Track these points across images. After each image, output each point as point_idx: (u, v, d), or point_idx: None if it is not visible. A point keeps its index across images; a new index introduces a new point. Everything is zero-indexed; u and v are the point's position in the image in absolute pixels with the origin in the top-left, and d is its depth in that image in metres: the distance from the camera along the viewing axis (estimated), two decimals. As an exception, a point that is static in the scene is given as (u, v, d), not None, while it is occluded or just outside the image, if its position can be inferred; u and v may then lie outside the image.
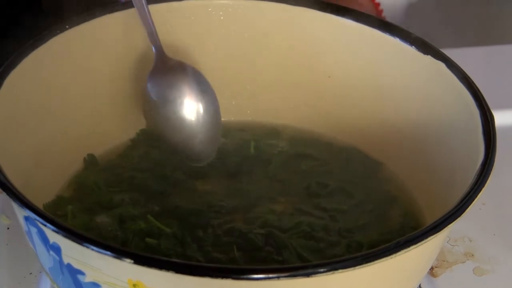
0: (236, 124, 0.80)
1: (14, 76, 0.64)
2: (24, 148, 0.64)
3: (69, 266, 0.50)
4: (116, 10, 0.74)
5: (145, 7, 0.71)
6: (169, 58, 0.72)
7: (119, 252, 0.41)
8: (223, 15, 0.80)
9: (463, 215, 0.48)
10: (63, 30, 0.70)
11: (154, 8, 0.75)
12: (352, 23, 0.75)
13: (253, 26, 0.81)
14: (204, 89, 0.69)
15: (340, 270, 0.41)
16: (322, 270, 0.40)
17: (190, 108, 0.68)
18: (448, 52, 0.71)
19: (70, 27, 0.70)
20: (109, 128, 0.75)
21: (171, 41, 0.77)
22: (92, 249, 0.41)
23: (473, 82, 0.66)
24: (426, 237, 0.44)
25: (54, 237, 0.47)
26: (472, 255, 0.74)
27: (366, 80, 0.76)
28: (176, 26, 0.80)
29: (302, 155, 0.76)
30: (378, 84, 0.75)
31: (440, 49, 0.71)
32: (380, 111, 0.75)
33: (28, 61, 0.66)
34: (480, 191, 0.51)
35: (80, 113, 0.73)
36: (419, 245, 0.44)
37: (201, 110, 0.68)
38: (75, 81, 0.72)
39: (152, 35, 0.71)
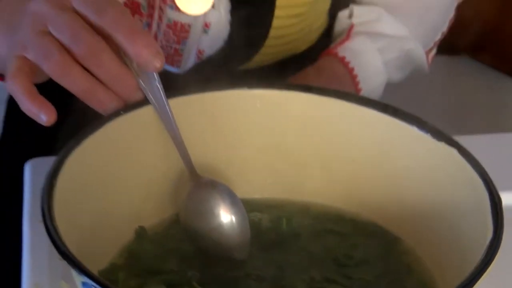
0: (270, 201, 0.81)
1: (76, 155, 0.67)
2: (82, 220, 0.67)
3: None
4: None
5: (169, 117, 0.73)
6: (200, 177, 0.73)
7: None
8: (260, 103, 0.81)
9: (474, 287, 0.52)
10: (118, 115, 0.72)
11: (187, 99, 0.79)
12: (377, 113, 0.76)
13: (286, 115, 0.81)
14: (234, 202, 0.72)
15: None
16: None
17: (223, 220, 0.70)
18: (459, 139, 0.74)
19: (125, 112, 0.72)
20: (159, 203, 0.77)
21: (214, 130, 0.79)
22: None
23: (482, 167, 0.69)
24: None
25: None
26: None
27: (385, 164, 0.78)
28: (217, 116, 0.80)
29: (329, 230, 0.78)
30: (396, 166, 0.78)
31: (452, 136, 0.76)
32: (398, 192, 0.78)
33: (87, 142, 0.69)
34: (489, 266, 0.54)
35: (133, 189, 0.75)
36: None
37: (234, 220, 0.70)
38: (129, 160, 0.75)
39: (185, 159, 0.73)
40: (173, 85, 0.73)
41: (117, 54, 0.69)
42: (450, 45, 1.81)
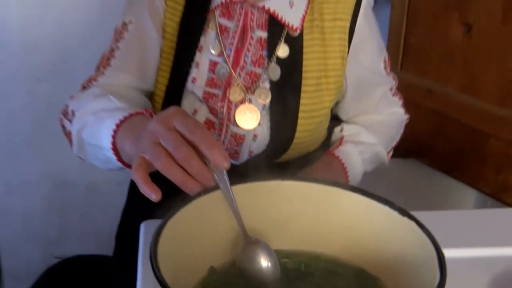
0: (294, 251, 0.83)
1: (172, 221, 0.72)
2: (175, 262, 0.70)
3: None
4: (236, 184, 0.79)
5: (232, 198, 0.77)
6: (250, 237, 0.78)
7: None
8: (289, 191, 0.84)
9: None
10: (199, 196, 0.76)
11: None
12: (363, 198, 0.80)
13: (306, 198, 0.84)
14: (270, 253, 0.76)
15: None
16: None
17: (263, 265, 0.75)
18: (415, 214, 0.76)
19: (204, 194, 0.76)
20: (224, 252, 0.80)
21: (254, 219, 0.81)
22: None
23: (431, 233, 0.72)
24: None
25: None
26: None
27: (369, 231, 0.80)
28: (262, 196, 0.83)
29: (332, 271, 0.80)
30: (376, 232, 0.80)
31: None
32: (377, 248, 0.80)
33: (180, 213, 0.74)
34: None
35: (208, 242, 0.78)
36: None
37: (269, 265, 0.75)
38: (206, 224, 0.78)
39: (241, 225, 0.78)
40: (233, 172, 0.76)
41: (201, 157, 0.74)
42: (402, 150, 1.87)
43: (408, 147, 1.91)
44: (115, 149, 0.90)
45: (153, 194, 0.73)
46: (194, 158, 0.74)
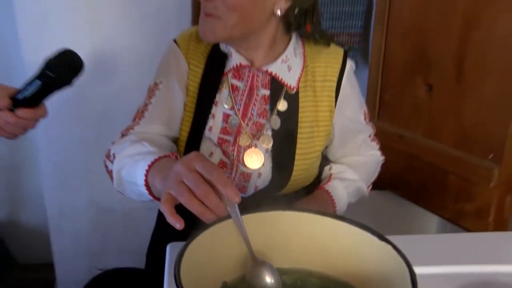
0: (291, 268, 0.82)
1: (193, 244, 0.72)
2: (194, 278, 0.69)
3: None
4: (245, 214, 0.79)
5: (242, 226, 0.77)
6: (257, 258, 0.78)
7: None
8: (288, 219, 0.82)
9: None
10: (215, 224, 0.76)
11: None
12: (349, 226, 0.79)
13: (302, 228, 0.83)
14: (274, 272, 0.77)
15: None
16: None
17: (268, 281, 0.76)
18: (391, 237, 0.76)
19: (219, 222, 0.76)
20: (235, 269, 0.79)
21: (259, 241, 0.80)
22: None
23: (404, 254, 0.72)
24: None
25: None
26: None
27: (351, 253, 0.79)
28: (266, 224, 0.82)
29: (324, 286, 0.80)
30: (359, 254, 0.78)
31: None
32: (359, 267, 0.79)
33: (199, 237, 0.73)
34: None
35: (221, 261, 0.77)
36: None
37: (273, 281, 0.76)
38: (220, 246, 0.77)
39: (249, 248, 0.78)
40: (242, 203, 0.76)
41: (217, 193, 0.75)
42: (379, 184, 1.86)
43: (384, 181, 1.89)
44: (147, 185, 0.90)
45: (177, 224, 0.74)
46: (211, 194, 0.74)
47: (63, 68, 0.94)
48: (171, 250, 1.00)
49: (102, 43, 1.93)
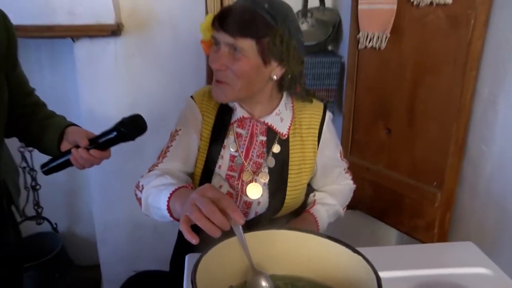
0: (283, 275, 0.82)
1: (206, 256, 0.73)
2: (211, 284, 0.70)
3: None
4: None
5: (244, 242, 0.77)
6: (256, 269, 0.78)
7: None
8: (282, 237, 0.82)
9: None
10: (222, 240, 0.76)
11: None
12: (328, 241, 0.79)
13: (292, 244, 0.82)
14: (268, 279, 0.76)
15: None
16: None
17: (265, 285, 0.76)
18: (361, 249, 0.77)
19: (227, 239, 0.76)
20: (240, 275, 0.78)
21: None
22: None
23: (371, 262, 0.72)
24: None
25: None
26: None
27: (330, 263, 0.78)
28: (264, 241, 0.82)
29: None
30: (336, 264, 0.78)
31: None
32: (337, 274, 0.78)
33: (211, 251, 0.74)
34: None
35: (228, 269, 0.77)
36: None
37: (268, 286, 0.76)
38: (228, 258, 0.77)
39: (250, 261, 0.78)
40: (245, 225, 0.76)
41: (224, 214, 0.74)
42: (351, 205, 1.84)
43: (355, 203, 1.88)
44: (169, 209, 0.89)
45: (193, 240, 0.73)
46: (216, 213, 0.73)
47: (132, 127, 0.96)
48: (189, 259, 0.98)
49: (139, 99, 1.96)
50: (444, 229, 1.56)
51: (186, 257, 0.99)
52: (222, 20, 0.97)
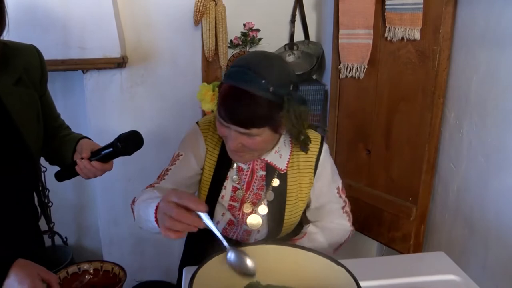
0: (277, 285, 0.82)
1: (202, 270, 0.74)
2: None
3: None
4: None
5: (214, 226, 0.76)
6: (229, 247, 0.78)
7: None
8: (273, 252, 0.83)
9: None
10: (217, 256, 0.78)
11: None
12: (316, 256, 0.79)
13: (286, 257, 0.83)
14: (245, 253, 0.78)
15: None
16: None
17: (242, 260, 0.76)
18: (344, 261, 0.77)
19: (217, 255, 0.78)
20: (232, 285, 0.78)
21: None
22: None
23: (353, 274, 0.73)
24: None
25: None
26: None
27: (317, 275, 0.79)
28: (259, 256, 0.81)
29: None
30: (322, 276, 0.79)
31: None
32: (320, 284, 0.78)
33: (206, 264, 0.75)
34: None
35: (224, 279, 0.77)
36: None
37: (249, 258, 0.77)
38: (222, 269, 0.77)
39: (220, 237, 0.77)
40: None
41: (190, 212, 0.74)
42: None
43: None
44: (156, 220, 0.86)
45: (172, 236, 0.75)
46: (184, 214, 0.74)
47: (128, 143, 0.96)
48: (186, 273, 0.97)
49: (141, 124, 1.98)
50: (419, 241, 1.58)
51: (184, 270, 0.98)
52: (231, 115, 0.89)
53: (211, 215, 1.09)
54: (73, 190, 2.25)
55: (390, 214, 1.63)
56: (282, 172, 1.08)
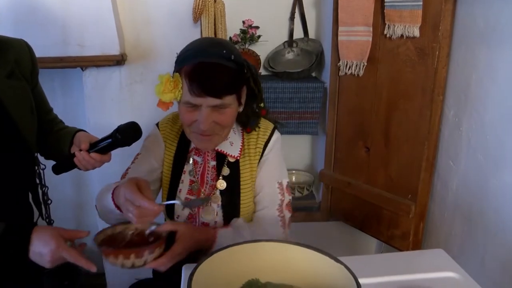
0: (276, 284, 0.80)
1: (200, 268, 0.72)
2: None
3: None
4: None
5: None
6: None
7: None
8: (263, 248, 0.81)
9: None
10: (211, 256, 0.76)
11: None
12: (313, 252, 0.79)
13: (274, 252, 0.81)
14: (203, 201, 0.87)
15: None
16: None
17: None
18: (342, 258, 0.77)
19: (217, 252, 0.77)
20: (230, 283, 0.77)
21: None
22: None
23: (351, 270, 0.72)
24: None
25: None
26: None
27: (316, 272, 0.78)
28: (248, 253, 0.81)
29: None
30: (320, 273, 0.78)
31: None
32: (323, 282, 0.77)
33: (203, 264, 0.73)
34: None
35: (221, 276, 0.76)
36: None
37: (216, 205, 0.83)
38: (219, 266, 0.76)
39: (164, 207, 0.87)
40: None
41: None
42: (334, 216, 1.84)
43: (338, 215, 1.91)
44: (114, 202, 0.91)
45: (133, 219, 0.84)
46: (141, 210, 0.82)
47: (127, 134, 0.96)
48: (186, 270, 0.97)
49: (139, 121, 1.92)
50: (418, 238, 1.58)
51: (183, 267, 0.96)
52: (205, 87, 0.91)
53: (172, 210, 1.11)
54: (72, 187, 2.25)
55: (389, 212, 1.63)
56: (233, 160, 1.08)
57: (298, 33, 2.03)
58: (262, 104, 1.07)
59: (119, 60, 1.75)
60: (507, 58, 1.17)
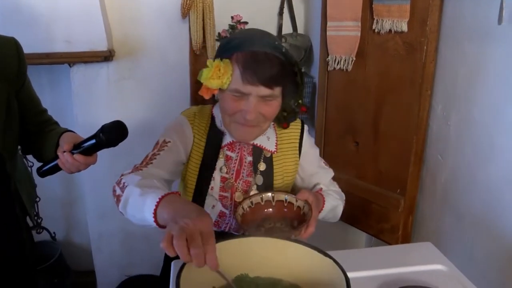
0: (266, 277, 0.81)
1: (187, 267, 0.69)
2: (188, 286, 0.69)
3: None
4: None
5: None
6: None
7: None
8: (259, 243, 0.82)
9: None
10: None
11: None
12: (306, 248, 0.78)
13: (269, 247, 0.81)
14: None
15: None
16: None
17: None
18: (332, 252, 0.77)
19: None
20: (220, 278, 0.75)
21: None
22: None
23: (340, 265, 0.72)
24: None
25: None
26: None
27: (306, 266, 0.78)
28: (243, 246, 0.80)
29: (286, 286, 0.78)
30: (310, 267, 0.77)
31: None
32: (312, 276, 0.77)
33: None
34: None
35: (209, 274, 0.73)
36: None
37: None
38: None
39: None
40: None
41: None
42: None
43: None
44: (155, 215, 0.78)
45: (169, 253, 0.66)
46: (200, 257, 0.67)
47: (111, 134, 0.91)
48: (175, 266, 0.96)
49: (129, 117, 1.93)
50: (407, 232, 1.59)
51: (172, 263, 0.96)
52: (259, 76, 0.90)
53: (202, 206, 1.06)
54: (61, 185, 2.23)
55: (378, 206, 1.64)
56: (269, 155, 1.09)
57: (287, 28, 2.03)
58: (300, 101, 1.06)
59: (107, 56, 1.73)
60: (495, 53, 1.18)
